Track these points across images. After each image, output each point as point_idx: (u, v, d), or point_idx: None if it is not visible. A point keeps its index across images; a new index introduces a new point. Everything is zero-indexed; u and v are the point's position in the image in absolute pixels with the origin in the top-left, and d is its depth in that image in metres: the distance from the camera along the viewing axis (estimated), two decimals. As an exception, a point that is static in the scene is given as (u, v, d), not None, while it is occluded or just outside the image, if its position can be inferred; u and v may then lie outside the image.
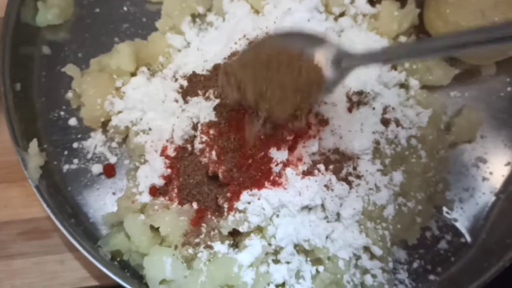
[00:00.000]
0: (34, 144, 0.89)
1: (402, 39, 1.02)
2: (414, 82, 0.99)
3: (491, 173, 1.00)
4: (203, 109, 0.86)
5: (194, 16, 1.03)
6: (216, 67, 0.91)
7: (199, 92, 0.91)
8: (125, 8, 1.06)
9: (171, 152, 0.90)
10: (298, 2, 0.96)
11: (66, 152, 0.97)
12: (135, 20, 1.06)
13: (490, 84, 1.05)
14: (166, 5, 1.03)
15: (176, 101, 0.92)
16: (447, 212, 0.97)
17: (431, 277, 0.93)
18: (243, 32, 0.93)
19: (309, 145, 0.84)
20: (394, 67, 1.00)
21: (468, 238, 0.96)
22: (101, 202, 0.95)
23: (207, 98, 0.87)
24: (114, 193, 0.95)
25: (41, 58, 1.02)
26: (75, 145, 0.97)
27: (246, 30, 0.93)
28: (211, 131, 0.83)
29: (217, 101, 0.84)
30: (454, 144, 1.00)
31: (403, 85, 1.00)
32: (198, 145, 0.86)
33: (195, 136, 0.88)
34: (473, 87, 1.04)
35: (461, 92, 1.04)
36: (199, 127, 0.86)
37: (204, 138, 0.84)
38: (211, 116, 0.84)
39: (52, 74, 1.01)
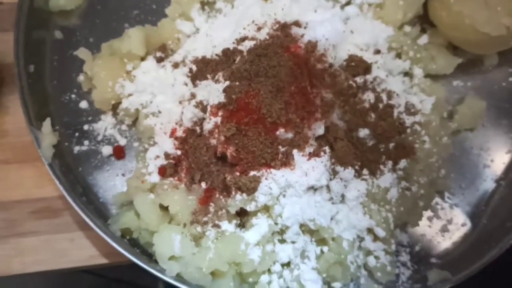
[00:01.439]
0: (47, 123, 0.91)
1: (407, 28, 1.03)
2: (418, 71, 1.01)
3: (492, 160, 1.02)
4: (213, 91, 0.88)
5: (203, 4, 1.05)
6: (225, 52, 0.92)
7: (208, 76, 0.93)
8: (136, -5, 1.08)
9: (180, 134, 0.92)
10: (305, -12, 0.98)
11: (77, 134, 0.99)
12: (145, 7, 1.08)
13: (492, 74, 1.07)
14: (176, -9, 1.05)
15: (186, 84, 0.94)
16: (448, 197, 0.99)
17: (433, 260, 0.95)
18: (251, 17, 0.95)
19: (315, 127, 0.86)
20: (399, 56, 1.02)
21: (469, 223, 0.98)
22: (111, 183, 0.97)
23: (217, 81, 0.89)
24: (123, 175, 0.97)
25: (53, 42, 1.04)
26: (85, 127, 0.99)
27: (255, 16, 0.95)
28: (220, 113, 0.85)
29: (227, 83, 0.86)
30: (456, 131, 1.02)
31: (407, 74, 1.02)
32: (207, 126, 0.87)
33: (204, 119, 0.90)
34: (476, 76, 1.06)
35: (464, 82, 1.06)
36: (208, 109, 0.88)
37: (213, 119, 0.86)
38: (220, 98, 0.85)
39: (64, 58, 1.03)
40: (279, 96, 0.83)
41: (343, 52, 0.93)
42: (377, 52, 0.95)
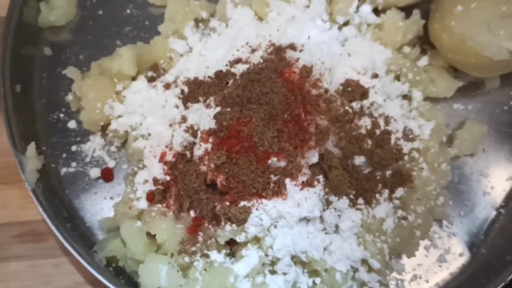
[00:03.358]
0: (32, 147, 0.88)
1: (406, 49, 1.00)
2: (417, 94, 0.98)
3: (492, 187, 0.99)
4: (204, 116, 0.85)
5: (197, 21, 1.03)
6: (217, 74, 0.90)
7: (200, 98, 0.90)
8: (128, 11, 1.06)
9: (170, 158, 0.89)
10: (302, 10, 0.96)
11: (64, 155, 0.96)
12: (138, 23, 1.05)
13: (494, 97, 1.04)
14: (169, 9, 1.02)
15: (177, 107, 0.91)
16: (446, 226, 0.96)
17: (429, 291, 0.92)
18: (245, 39, 0.92)
19: (309, 156, 0.83)
20: (398, 78, 0.99)
21: (467, 253, 0.95)
22: (98, 207, 0.94)
23: (208, 106, 0.86)
24: (111, 198, 0.95)
25: (42, 59, 1.02)
26: (73, 148, 0.96)
27: (249, 37, 0.92)
28: (211, 139, 0.82)
29: (218, 109, 0.83)
30: (456, 157, 0.98)
31: (406, 96, 0.99)
32: (197, 152, 0.85)
33: (194, 143, 0.87)
34: (477, 99, 1.03)
35: (465, 105, 1.03)
36: (199, 134, 0.85)
37: (204, 146, 0.83)
38: (211, 124, 0.83)
39: (52, 75, 1.00)
40: (271, 124, 0.80)
41: (339, 75, 0.90)
42: (375, 76, 0.92)
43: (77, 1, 1.04)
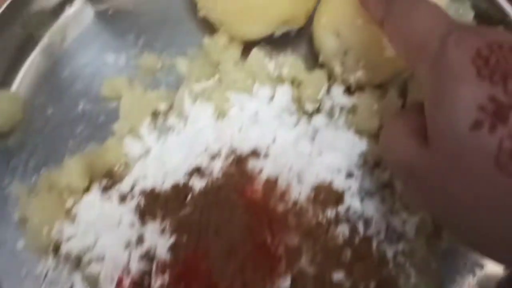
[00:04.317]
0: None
1: (386, 130, 0.91)
2: (399, 181, 0.89)
3: (488, 279, 0.90)
4: (159, 243, 0.76)
5: (155, 115, 0.94)
6: (175, 188, 0.81)
7: (158, 213, 0.81)
8: (80, 107, 0.97)
9: (127, 285, 0.80)
10: (266, 103, 0.87)
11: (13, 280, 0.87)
12: (91, 120, 0.96)
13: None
14: (124, 103, 0.94)
15: (133, 225, 0.82)
16: (441, 333, 0.87)
17: None
18: (204, 144, 0.83)
19: (279, 283, 0.74)
20: (377, 165, 0.90)
21: None
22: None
23: (163, 230, 0.77)
24: (69, 327, 0.85)
25: (-14, 171, 0.92)
26: (23, 271, 0.87)
27: (208, 142, 0.83)
28: (168, 272, 0.73)
29: (173, 237, 0.74)
30: (446, 249, 0.89)
31: (388, 186, 0.90)
32: (155, 284, 0.75)
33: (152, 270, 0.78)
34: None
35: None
36: (155, 263, 0.76)
37: (161, 277, 0.74)
38: (167, 256, 0.73)
39: (-2, 189, 0.91)
40: (232, 258, 0.71)
41: (310, 178, 0.81)
42: (350, 175, 0.83)
43: (23, 101, 0.96)
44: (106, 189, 0.88)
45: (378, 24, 0.68)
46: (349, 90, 0.93)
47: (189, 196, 0.79)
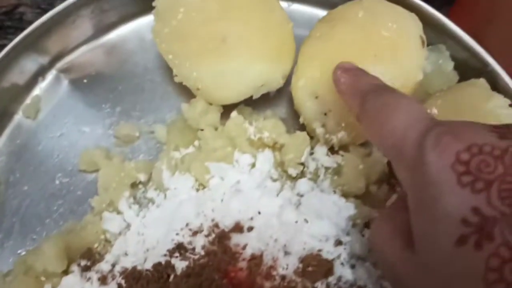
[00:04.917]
0: None
1: (373, 188, 0.89)
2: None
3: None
4: (141, 333, 0.72)
5: (134, 187, 0.91)
6: (156, 268, 0.77)
7: (140, 295, 0.77)
8: (57, 182, 0.94)
9: None
10: (247, 172, 0.84)
11: None
12: (69, 195, 0.93)
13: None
14: (102, 175, 0.91)
15: (114, 310, 0.78)
16: None
17: None
18: (185, 219, 0.80)
19: None
20: (367, 225, 0.87)
21: None
22: None
23: (147, 316, 0.73)
24: None
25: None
26: None
27: (189, 217, 0.80)
28: None
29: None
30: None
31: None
32: None
33: None
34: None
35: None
36: None
37: None
38: None
39: (-27, 275, 0.87)
40: None
41: (298, 247, 0.78)
42: (339, 243, 0.80)
43: (-3, 177, 0.93)
44: (85, 269, 0.84)
45: (356, 119, 0.65)
46: (332, 150, 0.91)
47: (172, 276, 0.75)
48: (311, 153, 0.90)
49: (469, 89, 0.88)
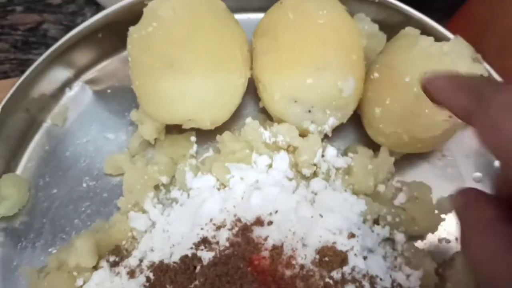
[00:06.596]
0: None
1: (380, 187, 0.96)
2: (399, 236, 0.92)
3: (496, 328, 0.91)
4: (173, 318, 0.77)
5: (157, 189, 0.97)
6: (183, 260, 0.83)
7: (167, 287, 0.83)
8: (84, 185, 1.00)
9: None
10: (265, 172, 0.90)
11: None
12: (95, 197, 0.99)
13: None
14: (127, 178, 0.97)
15: (144, 299, 0.83)
16: None
17: None
18: (209, 215, 0.86)
19: None
20: (376, 222, 0.93)
21: None
22: None
23: (175, 304, 0.78)
24: None
25: (-6, 255, 0.94)
26: None
27: (212, 213, 0.86)
28: None
29: (187, 312, 0.75)
30: (452, 300, 0.91)
31: (388, 239, 0.93)
32: None
33: None
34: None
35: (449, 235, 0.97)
36: None
37: None
38: (182, 332, 0.75)
39: (7, 272, 0.92)
40: (245, 329, 0.72)
41: (314, 240, 0.84)
42: (352, 236, 0.86)
43: (28, 184, 0.98)
44: (114, 265, 0.89)
45: (462, 118, 0.53)
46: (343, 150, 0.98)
47: (198, 267, 0.80)
48: (322, 155, 0.96)
49: (397, 42, 0.94)
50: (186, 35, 0.87)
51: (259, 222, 0.83)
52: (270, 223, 0.84)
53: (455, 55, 0.87)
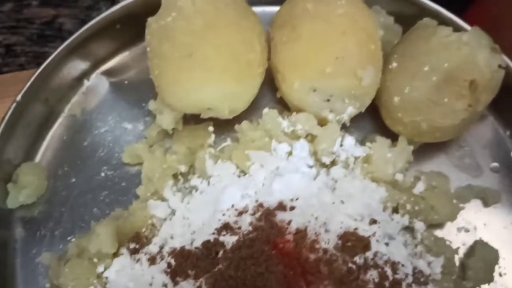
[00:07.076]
0: None
1: (399, 177, 0.95)
2: (419, 225, 0.92)
3: (516, 319, 0.91)
4: (196, 302, 0.77)
5: (176, 177, 0.97)
6: (205, 245, 0.82)
7: (189, 272, 0.83)
8: (102, 174, 1.00)
9: None
10: (285, 158, 0.91)
11: None
12: (114, 186, 0.99)
13: (499, 211, 0.98)
14: (146, 167, 0.97)
15: (165, 285, 0.83)
16: None
17: None
18: (230, 201, 0.86)
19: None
20: (396, 210, 0.93)
21: None
22: None
23: (199, 288, 0.78)
24: None
25: (14, 242, 0.95)
26: None
27: (234, 199, 0.86)
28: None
29: (211, 293, 0.75)
30: None
31: (408, 228, 0.93)
32: None
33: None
34: (482, 218, 0.97)
35: (468, 224, 0.96)
36: (192, 323, 0.76)
37: None
38: (205, 315, 0.74)
39: (27, 259, 0.92)
40: (271, 309, 0.72)
41: (336, 226, 0.84)
42: (373, 222, 0.86)
43: (47, 172, 0.98)
44: (134, 252, 0.89)
45: None
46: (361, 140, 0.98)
47: (221, 252, 0.80)
48: (341, 145, 0.96)
49: (415, 32, 0.94)
50: (205, 26, 0.88)
51: (281, 207, 0.83)
52: (292, 208, 0.84)
53: (474, 45, 0.88)
